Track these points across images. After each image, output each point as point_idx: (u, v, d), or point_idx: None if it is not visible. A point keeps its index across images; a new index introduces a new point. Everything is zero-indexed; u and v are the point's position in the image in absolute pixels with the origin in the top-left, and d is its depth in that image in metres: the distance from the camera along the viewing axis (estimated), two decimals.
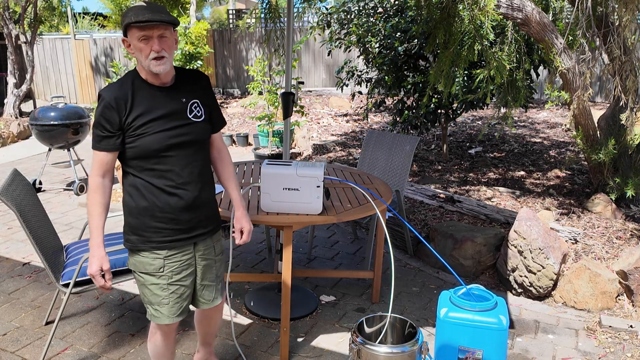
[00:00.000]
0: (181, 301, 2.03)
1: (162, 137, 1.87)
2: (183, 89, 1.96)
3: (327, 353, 2.73)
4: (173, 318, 2.02)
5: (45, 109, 5.28)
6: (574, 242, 3.61)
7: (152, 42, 1.81)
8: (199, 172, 1.98)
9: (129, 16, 1.79)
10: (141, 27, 1.79)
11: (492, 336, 2.23)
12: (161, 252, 1.96)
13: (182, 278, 2.01)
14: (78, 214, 4.88)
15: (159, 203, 1.92)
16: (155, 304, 2.01)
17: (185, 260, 2.01)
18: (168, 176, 1.91)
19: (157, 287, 1.99)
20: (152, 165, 1.89)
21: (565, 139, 7.27)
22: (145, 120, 1.86)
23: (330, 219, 2.56)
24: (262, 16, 5.39)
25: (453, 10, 4.02)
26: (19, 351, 2.71)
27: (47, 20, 10.55)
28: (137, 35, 1.81)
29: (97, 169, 1.89)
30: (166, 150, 1.88)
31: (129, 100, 1.85)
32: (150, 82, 1.90)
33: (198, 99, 1.98)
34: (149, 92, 1.89)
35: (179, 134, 1.90)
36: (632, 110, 3.77)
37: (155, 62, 1.83)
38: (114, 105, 1.83)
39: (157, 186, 1.91)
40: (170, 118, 1.89)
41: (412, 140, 3.87)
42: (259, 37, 11.85)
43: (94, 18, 20.16)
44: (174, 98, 1.92)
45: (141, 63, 1.86)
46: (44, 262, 2.49)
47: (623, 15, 3.49)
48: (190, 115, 1.94)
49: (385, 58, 5.62)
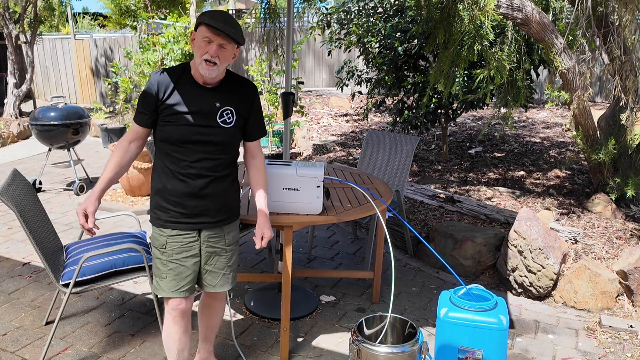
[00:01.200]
0: (179, 279, 2.14)
1: (185, 130, 2.02)
2: (221, 94, 2.08)
3: (327, 353, 2.73)
4: (169, 292, 2.15)
5: (45, 109, 5.28)
6: (574, 242, 3.61)
7: (211, 46, 1.96)
8: (212, 168, 2.09)
9: (206, 16, 1.95)
10: (210, 30, 1.94)
11: (492, 336, 2.23)
12: (165, 230, 2.11)
13: (181, 258, 2.13)
14: None
15: (169, 186, 2.07)
16: (157, 276, 2.17)
17: (187, 243, 2.12)
18: (181, 164, 2.05)
19: (159, 262, 2.15)
20: (172, 151, 2.05)
21: (565, 139, 7.27)
22: (176, 111, 2.01)
23: (330, 219, 2.56)
24: (261, 16, 5.39)
25: (453, 10, 4.02)
26: (19, 351, 2.71)
27: (47, 20, 10.55)
28: (203, 34, 1.96)
29: (128, 133, 2.11)
30: (185, 143, 2.03)
31: (169, 89, 2.02)
32: (195, 79, 2.05)
33: (233, 107, 2.10)
34: (189, 87, 2.04)
35: (201, 133, 2.03)
36: (632, 110, 3.77)
37: (205, 65, 1.97)
38: (154, 89, 2.02)
39: (171, 170, 2.07)
40: (198, 116, 2.03)
41: (412, 140, 3.87)
42: (258, 37, 11.86)
43: (94, 18, 20.17)
44: (209, 100, 2.05)
45: (195, 59, 2.01)
46: (44, 262, 2.49)
47: (623, 15, 3.49)
48: (219, 120, 2.07)
49: (385, 58, 5.62)
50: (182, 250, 2.12)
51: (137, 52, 7.18)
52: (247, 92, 2.15)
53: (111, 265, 2.65)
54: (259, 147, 2.27)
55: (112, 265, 2.65)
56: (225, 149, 2.10)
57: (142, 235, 3.04)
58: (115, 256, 2.69)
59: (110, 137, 7.76)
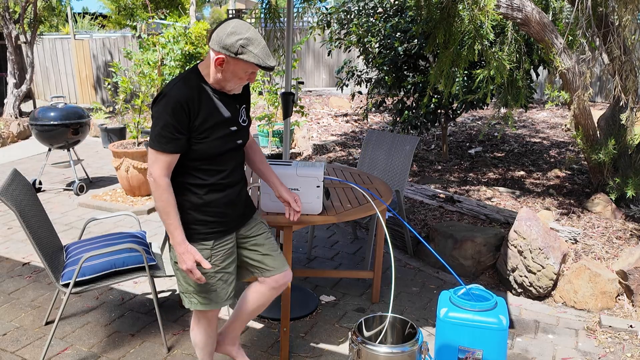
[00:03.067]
0: (226, 286, 2.14)
1: (222, 141, 1.97)
2: (236, 95, 2.06)
3: (327, 353, 2.73)
4: (221, 303, 2.13)
5: (45, 109, 5.28)
6: (574, 242, 3.61)
7: (252, 76, 1.93)
8: (241, 170, 2.13)
9: (254, 54, 1.83)
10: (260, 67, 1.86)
11: (492, 336, 2.23)
12: (208, 242, 2.06)
13: (226, 265, 2.13)
14: (78, 214, 4.88)
15: (208, 199, 2.02)
16: (203, 292, 2.10)
17: (228, 249, 2.13)
18: (221, 175, 2.02)
19: (205, 276, 2.07)
20: (208, 165, 1.98)
21: (565, 139, 7.27)
22: (210, 124, 1.93)
23: (330, 219, 2.56)
24: (261, 16, 5.38)
25: (453, 10, 4.02)
26: (19, 351, 2.71)
27: (46, 20, 10.55)
28: (249, 70, 1.88)
29: (162, 169, 1.90)
30: (222, 153, 1.99)
31: (197, 104, 1.89)
32: (213, 87, 1.97)
33: (245, 104, 2.11)
34: (213, 97, 1.96)
35: (234, 139, 2.02)
36: (632, 110, 3.77)
37: (238, 87, 1.97)
38: (185, 108, 1.85)
39: (210, 184, 2.00)
40: (228, 123, 1.99)
41: (412, 140, 3.87)
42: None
43: (94, 18, 20.16)
44: (231, 104, 2.02)
45: (224, 80, 1.92)
46: (43, 262, 2.49)
47: (623, 15, 3.49)
48: (241, 120, 2.06)
49: (385, 58, 5.62)
50: (225, 257, 2.12)
51: (137, 52, 7.18)
52: (246, 87, 2.15)
53: (111, 265, 2.65)
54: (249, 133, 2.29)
55: (112, 265, 2.65)
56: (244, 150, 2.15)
57: (142, 235, 3.04)
58: (115, 256, 2.69)
59: (110, 137, 7.76)
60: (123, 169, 5.06)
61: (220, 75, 1.90)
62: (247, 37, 1.82)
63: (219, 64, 1.86)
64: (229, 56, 1.84)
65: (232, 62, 1.85)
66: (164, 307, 3.15)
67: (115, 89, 9.95)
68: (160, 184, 1.90)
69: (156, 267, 2.79)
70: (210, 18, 25.25)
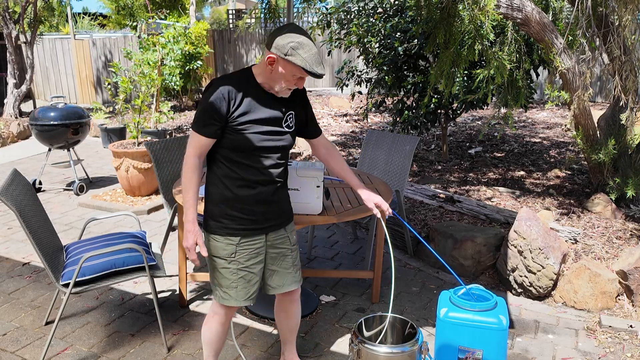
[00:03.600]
0: (249, 286, 2.16)
1: (256, 138, 2.02)
2: (285, 100, 2.11)
3: (327, 353, 2.73)
4: (240, 301, 2.16)
5: (45, 109, 5.28)
6: (574, 242, 3.61)
7: (301, 81, 2.00)
8: (279, 174, 2.14)
9: (302, 57, 1.90)
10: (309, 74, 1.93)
11: (492, 336, 2.23)
12: (235, 238, 2.10)
13: (251, 265, 2.15)
14: (78, 214, 4.88)
15: (240, 194, 2.07)
16: (225, 286, 2.15)
17: (255, 249, 2.15)
18: (253, 172, 2.06)
19: (227, 271, 2.13)
20: (242, 159, 2.04)
21: (565, 139, 7.27)
22: (247, 119, 2.00)
23: (330, 219, 2.56)
24: (261, 16, 5.39)
25: (453, 10, 4.02)
26: (19, 351, 2.71)
27: (46, 20, 10.55)
28: (296, 73, 1.95)
29: (194, 149, 2.03)
30: (257, 150, 2.04)
31: (240, 97, 2.00)
32: (262, 86, 2.05)
33: (293, 111, 2.15)
34: (257, 94, 2.04)
35: (270, 139, 2.06)
36: (632, 110, 3.77)
37: (285, 91, 2.02)
38: (225, 97, 1.97)
39: (242, 178, 2.06)
40: (267, 123, 2.04)
41: (412, 140, 3.87)
42: (258, 38, 11.85)
43: (94, 18, 20.17)
44: (276, 106, 2.08)
45: (272, 80, 2.00)
46: (43, 262, 2.49)
47: (623, 15, 3.49)
48: (284, 125, 2.10)
49: (385, 58, 5.62)
50: (250, 257, 2.14)
51: (137, 52, 7.17)
52: (301, 96, 2.21)
53: (111, 265, 2.65)
54: (326, 138, 2.35)
55: (112, 265, 2.65)
56: (287, 153, 2.16)
57: (142, 235, 3.04)
58: (115, 256, 2.69)
59: (110, 137, 7.76)
60: (123, 169, 5.06)
61: (269, 74, 1.99)
62: (299, 41, 1.91)
63: (269, 63, 1.95)
64: (279, 56, 1.92)
65: (281, 62, 1.94)
66: (164, 307, 3.16)
67: (116, 89, 9.95)
68: (188, 162, 2.03)
69: (156, 267, 2.79)
70: (210, 18, 25.24)
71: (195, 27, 9.93)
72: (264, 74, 2.01)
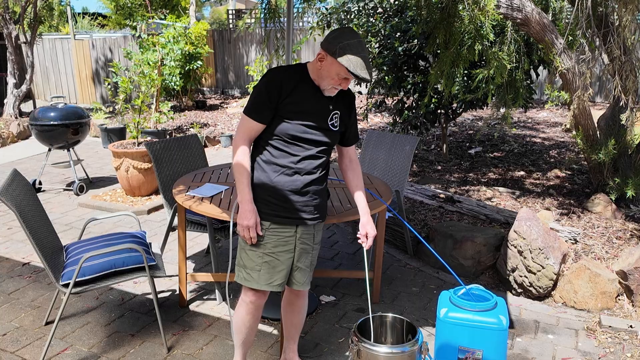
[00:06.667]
0: (273, 272, 2.19)
1: (299, 128, 2.09)
2: (333, 99, 2.17)
3: (327, 353, 2.73)
4: (262, 285, 2.19)
5: (45, 109, 5.28)
6: (574, 242, 3.61)
7: (346, 82, 2.08)
8: (316, 167, 2.17)
9: (347, 58, 1.96)
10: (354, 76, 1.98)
11: (492, 336, 2.23)
12: (265, 223, 2.15)
13: (277, 252, 2.18)
14: (78, 214, 4.88)
15: (275, 180, 2.13)
16: (249, 268, 2.19)
17: (284, 237, 2.18)
18: (291, 160, 2.12)
19: (254, 254, 2.18)
20: (283, 146, 2.11)
21: (565, 139, 7.27)
22: (295, 109, 2.08)
23: (330, 219, 2.56)
24: (261, 16, 5.38)
25: (453, 11, 4.02)
26: (18, 351, 2.71)
27: (46, 20, 10.55)
28: (341, 73, 2.02)
29: (243, 133, 2.12)
30: (298, 140, 2.10)
31: (291, 87, 2.08)
32: (314, 82, 2.13)
33: (339, 112, 2.20)
34: (308, 88, 2.11)
35: (313, 133, 2.12)
36: (632, 110, 3.77)
37: (331, 89, 2.09)
38: (278, 84, 2.06)
39: (280, 164, 2.12)
40: (313, 116, 2.11)
41: (412, 140, 3.87)
42: (259, 38, 11.85)
43: (94, 18, 20.17)
44: (324, 103, 2.14)
45: (320, 77, 2.08)
46: (43, 262, 2.49)
47: (623, 15, 3.49)
48: (329, 122, 2.16)
49: (386, 58, 5.62)
50: (278, 244, 2.17)
51: (137, 52, 7.17)
52: (350, 101, 2.25)
53: (111, 266, 2.65)
54: (355, 152, 2.37)
55: (112, 265, 2.65)
56: (328, 150, 2.20)
57: (142, 236, 3.04)
58: (115, 256, 2.69)
59: (110, 137, 7.76)
60: (123, 169, 5.06)
61: (318, 71, 2.08)
62: (348, 43, 1.97)
63: (319, 60, 2.05)
64: (328, 54, 2.02)
65: (329, 60, 2.02)
66: (164, 307, 3.16)
67: (115, 89, 9.95)
68: (237, 146, 2.12)
69: (156, 267, 2.79)
70: (210, 18, 25.24)
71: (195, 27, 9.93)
72: (314, 70, 2.10)
